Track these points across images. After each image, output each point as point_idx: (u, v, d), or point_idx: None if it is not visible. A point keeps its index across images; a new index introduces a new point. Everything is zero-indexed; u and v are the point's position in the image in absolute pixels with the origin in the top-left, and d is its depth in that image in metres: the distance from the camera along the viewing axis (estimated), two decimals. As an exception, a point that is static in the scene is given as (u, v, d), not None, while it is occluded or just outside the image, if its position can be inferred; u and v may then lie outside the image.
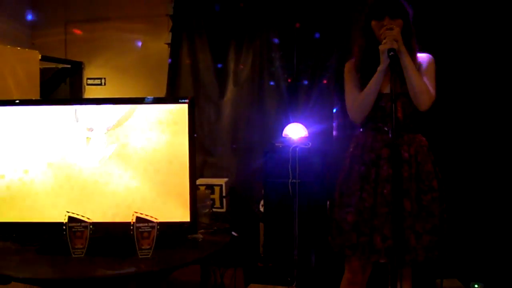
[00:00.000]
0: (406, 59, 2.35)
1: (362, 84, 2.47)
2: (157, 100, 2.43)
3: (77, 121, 2.37)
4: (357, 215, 2.43)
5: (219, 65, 4.65)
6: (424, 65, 2.49)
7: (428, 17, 3.67)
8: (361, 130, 2.59)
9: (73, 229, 2.19)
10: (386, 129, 2.43)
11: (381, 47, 2.33)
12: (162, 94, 4.66)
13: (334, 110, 4.21)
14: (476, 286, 3.49)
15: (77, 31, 5.37)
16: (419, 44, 2.51)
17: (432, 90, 2.43)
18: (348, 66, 2.59)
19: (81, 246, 2.19)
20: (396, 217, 2.02)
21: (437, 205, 2.41)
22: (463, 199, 3.66)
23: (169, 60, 4.76)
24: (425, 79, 2.43)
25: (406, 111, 2.41)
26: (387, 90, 2.36)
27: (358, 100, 2.48)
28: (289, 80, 4.41)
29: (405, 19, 2.42)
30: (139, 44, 5.15)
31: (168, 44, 4.84)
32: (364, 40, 2.50)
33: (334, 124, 4.20)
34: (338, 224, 2.51)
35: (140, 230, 2.18)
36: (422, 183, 2.41)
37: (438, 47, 3.50)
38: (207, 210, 2.78)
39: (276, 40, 4.45)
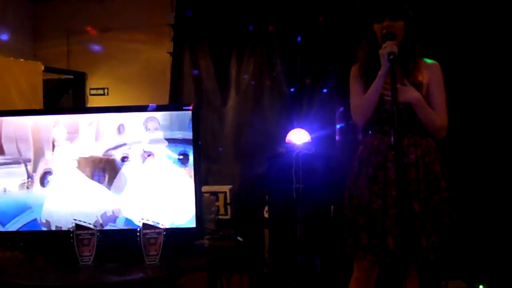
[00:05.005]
0: (410, 94, 2.40)
1: (366, 88, 2.48)
2: (160, 108, 2.45)
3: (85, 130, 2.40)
4: (367, 216, 2.45)
5: (221, 73, 4.67)
6: (433, 77, 2.50)
7: (432, 20, 3.69)
8: (370, 132, 2.61)
9: (80, 237, 2.21)
10: (390, 130, 2.44)
11: (381, 51, 2.34)
12: (165, 102, 4.68)
13: (336, 115, 4.22)
14: (481, 287, 3.49)
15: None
16: (424, 47, 2.53)
17: (443, 114, 2.48)
18: (353, 70, 2.62)
19: (89, 254, 2.21)
20: (402, 219, 2.03)
21: (446, 205, 2.43)
22: (468, 200, 3.66)
23: (171, 69, 4.79)
24: (435, 92, 2.47)
25: (412, 113, 2.43)
26: None
27: (360, 103, 2.51)
28: (291, 86, 4.42)
29: (407, 21, 2.43)
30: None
31: (170, 53, 4.86)
32: (367, 44, 2.52)
33: (336, 129, 4.22)
34: (349, 226, 2.53)
35: (147, 236, 2.20)
36: (430, 183, 2.42)
37: (442, 48, 3.56)
38: (212, 216, 2.80)
39: (277, 46, 4.47)
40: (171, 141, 2.38)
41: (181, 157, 2.38)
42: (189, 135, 2.39)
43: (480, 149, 3.81)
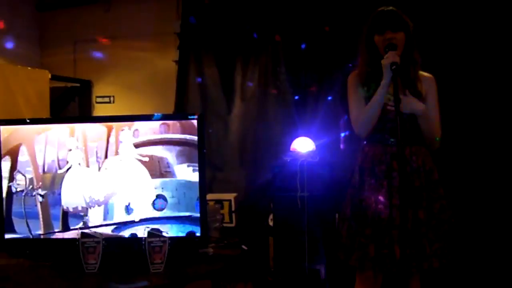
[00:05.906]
0: (417, 106, 2.41)
1: (367, 97, 2.48)
2: (166, 117, 2.46)
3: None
4: (374, 227, 2.43)
5: (226, 81, 4.69)
6: (429, 90, 2.52)
7: (429, 31, 3.70)
8: (365, 143, 2.60)
9: (85, 245, 2.22)
10: (392, 140, 2.45)
11: (383, 62, 2.34)
12: (170, 110, 4.70)
13: (341, 123, 4.22)
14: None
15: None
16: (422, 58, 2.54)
17: (438, 128, 2.49)
18: (352, 79, 2.60)
19: (94, 262, 2.21)
20: (404, 227, 2.04)
21: (445, 212, 2.45)
22: (464, 208, 3.64)
23: (177, 77, 4.82)
24: (430, 105, 2.48)
25: (413, 123, 2.44)
26: None
27: (362, 114, 2.49)
28: (296, 94, 4.44)
29: (407, 32, 2.44)
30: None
31: (175, 61, 4.89)
32: (368, 55, 2.53)
33: (341, 137, 4.22)
34: (354, 238, 2.49)
35: (152, 244, 2.20)
36: (431, 191, 2.43)
37: (438, 57, 3.56)
38: (217, 225, 2.80)
39: (282, 54, 4.49)
40: (178, 219, 2.40)
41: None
42: (196, 216, 2.40)
43: (475, 155, 3.79)
